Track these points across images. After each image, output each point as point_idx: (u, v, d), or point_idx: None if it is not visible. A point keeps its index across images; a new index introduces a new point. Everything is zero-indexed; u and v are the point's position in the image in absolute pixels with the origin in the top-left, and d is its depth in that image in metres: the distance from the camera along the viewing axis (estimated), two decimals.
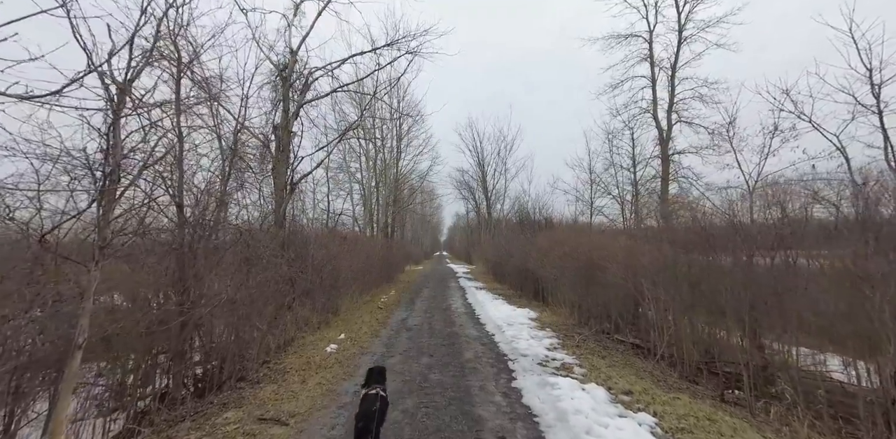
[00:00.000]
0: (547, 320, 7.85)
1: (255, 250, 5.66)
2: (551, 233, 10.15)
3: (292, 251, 7.94)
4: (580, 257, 7.30)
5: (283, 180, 9.11)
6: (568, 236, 8.97)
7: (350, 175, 20.15)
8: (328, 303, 8.61)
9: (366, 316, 9.06)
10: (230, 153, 6.17)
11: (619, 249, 6.52)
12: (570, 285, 7.90)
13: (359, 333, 7.19)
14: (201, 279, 4.60)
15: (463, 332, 6.95)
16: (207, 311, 4.39)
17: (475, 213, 34.71)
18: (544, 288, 10.59)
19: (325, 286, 8.37)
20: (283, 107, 9.58)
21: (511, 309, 9.11)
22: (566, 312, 8.30)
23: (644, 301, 5.54)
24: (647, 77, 16.61)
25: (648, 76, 16.59)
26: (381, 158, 20.49)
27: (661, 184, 16.25)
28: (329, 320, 8.35)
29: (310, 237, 9.09)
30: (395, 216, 22.32)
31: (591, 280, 7.06)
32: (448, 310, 9.58)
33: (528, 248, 11.42)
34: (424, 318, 8.55)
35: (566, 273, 8.00)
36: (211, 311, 4.47)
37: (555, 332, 6.76)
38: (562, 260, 8.14)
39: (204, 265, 4.68)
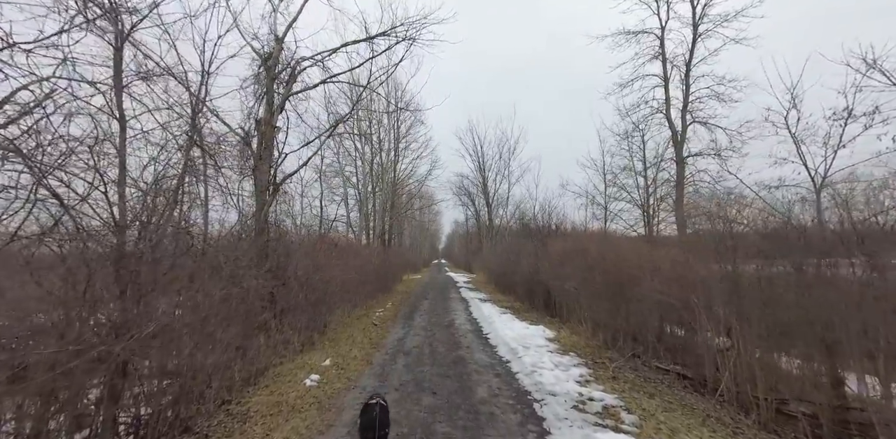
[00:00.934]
0: (567, 341, 6.76)
1: (213, 261, 4.58)
2: (569, 241, 9.08)
3: (272, 261, 6.87)
4: (608, 268, 6.24)
5: (265, 180, 8.07)
6: (589, 243, 7.90)
7: (345, 179, 19.14)
8: (314, 321, 7.50)
9: (358, 334, 7.94)
10: (188, 142, 5.13)
11: (662, 259, 5.47)
12: (593, 299, 6.83)
13: (347, 358, 6.08)
14: (138, 298, 3.53)
15: (471, 358, 5.85)
16: (139, 340, 3.30)
17: (475, 220, 33.71)
18: (558, 301, 9.50)
19: (310, 301, 7.27)
20: (266, 99, 8.58)
21: (523, 326, 8.01)
22: (588, 331, 7.21)
23: (697, 321, 4.47)
24: (659, 76, 15.76)
25: (660, 74, 15.74)
26: (378, 162, 19.52)
27: (675, 188, 15.31)
28: (314, 340, 7.23)
29: (294, 244, 8.02)
30: (393, 222, 21.27)
31: (621, 294, 5.99)
32: (451, 327, 8.47)
33: (539, 257, 10.35)
34: (425, 338, 7.44)
35: (589, 285, 6.94)
36: (145, 341, 3.38)
37: (581, 358, 5.66)
38: (584, 270, 7.08)
39: (144, 280, 3.61)
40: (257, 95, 8.74)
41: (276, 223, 8.21)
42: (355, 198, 19.54)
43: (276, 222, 8.25)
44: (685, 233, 14.97)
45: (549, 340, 6.85)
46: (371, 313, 10.98)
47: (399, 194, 21.45)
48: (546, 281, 9.65)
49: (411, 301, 13.73)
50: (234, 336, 4.68)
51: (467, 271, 35.27)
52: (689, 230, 14.56)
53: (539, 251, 10.85)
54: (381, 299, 14.33)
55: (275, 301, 6.67)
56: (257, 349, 5.38)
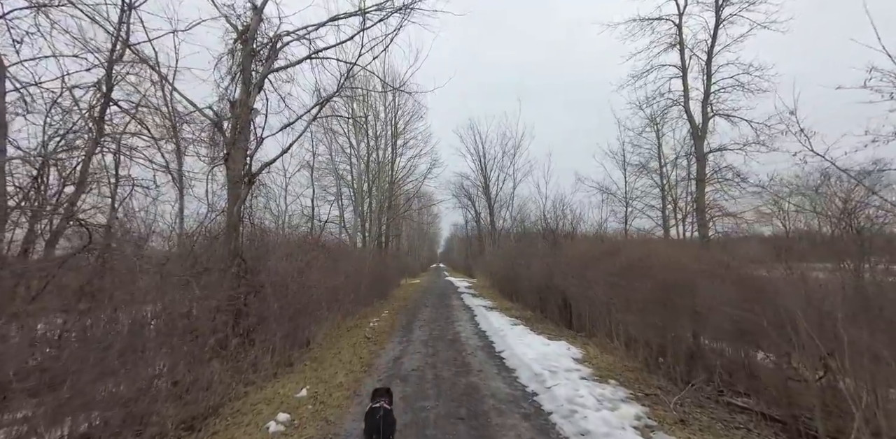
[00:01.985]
0: (601, 362, 5.54)
1: (129, 264, 3.37)
2: (590, 242, 7.89)
3: (240, 264, 5.66)
4: (652, 272, 5.04)
5: (239, 170, 6.87)
6: (622, 245, 6.72)
7: (339, 177, 17.94)
8: (293, 336, 6.27)
9: (347, 351, 6.71)
10: (100, 101, 3.92)
11: (722, 263, 4.28)
12: (629, 310, 5.62)
13: (330, 386, 4.84)
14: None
15: (487, 388, 4.62)
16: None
17: (475, 223, 32.53)
18: (579, 311, 8.30)
19: (288, 312, 6.04)
20: (242, 78, 7.40)
21: (542, 342, 6.78)
22: (621, 348, 6.01)
23: (797, 346, 3.27)
24: (677, 66, 14.67)
25: (678, 64, 14.66)
26: (375, 159, 18.34)
27: (695, 186, 14.18)
28: (293, 360, 6.00)
29: (270, 245, 6.81)
30: (390, 224, 20.05)
31: (671, 305, 4.80)
32: (457, 342, 7.24)
33: (554, 260, 9.15)
34: (426, 357, 6.21)
35: (623, 293, 5.73)
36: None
37: (627, 388, 4.44)
38: (616, 276, 5.88)
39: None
40: (232, 74, 7.57)
41: (253, 220, 6.99)
42: (350, 198, 18.34)
43: (253, 219, 7.03)
44: (706, 235, 13.85)
45: (577, 361, 5.63)
46: (365, 323, 9.75)
47: (397, 194, 20.27)
48: (563, 288, 8.44)
49: (410, 308, 12.49)
50: (166, 367, 3.45)
51: (467, 275, 34.03)
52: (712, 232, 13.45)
53: (553, 254, 9.64)
54: (377, 307, 13.10)
55: (243, 314, 5.45)
56: (209, 379, 4.15)
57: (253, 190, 7.24)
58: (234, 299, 5.46)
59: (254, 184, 7.07)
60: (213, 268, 5.32)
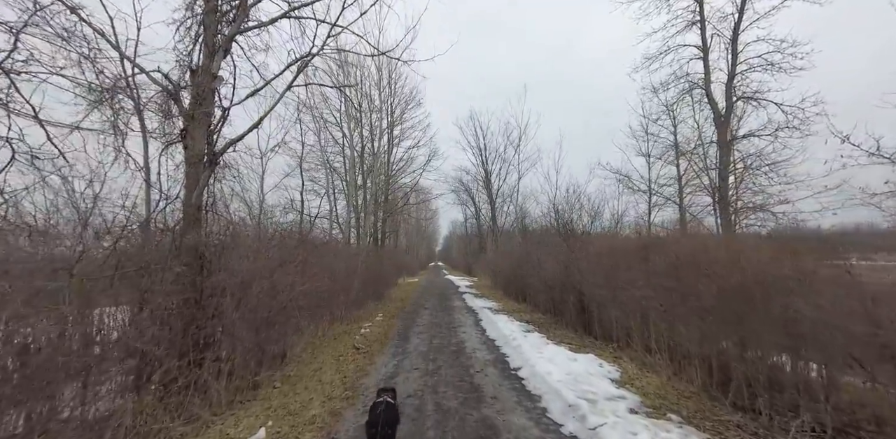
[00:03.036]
0: (647, 385, 4.37)
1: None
2: (632, 237, 6.72)
3: (185, 262, 4.47)
4: (723, 273, 3.85)
5: (199, 148, 5.66)
6: (668, 239, 5.55)
7: (330, 169, 16.71)
8: (260, 350, 5.08)
9: (329, 368, 5.54)
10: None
11: None
12: (683, 320, 4.45)
13: (298, 422, 3.66)
14: None
15: (508, 428, 3.43)
16: None
17: (475, 220, 31.38)
18: (601, 316, 7.13)
19: (254, 321, 4.85)
20: (204, 40, 6.18)
21: (567, 356, 5.60)
22: (665, 364, 4.84)
23: None
24: (697, 46, 13.50)
25: (698, 44, 13.48)
26: (370, 150, 17.11)
27: (717, 176, 13.02)
28: (260, 382, 4.81)
29: (240, 239, 5.62)
30: (387, 219, 18.85)
31: (756, 316, 3.62)
32: (462, 355, 6.07)
33: (572, 258, 7.98)
34: (425, 376, 5.03)
35: (672, 299, 4.55)
36: None
37: (700, 431, 3.27)
38: (667, 277, 4.70)
39: None
40: (193, 35, 6.35)
41: (216, 210, 5.78)
42: (343, 192, 17.11)
43: (216, 209, 5.82)
44: (731, 229, 12.69)
45: (616, 383, 4.45)
46: (356, 329, 8.58)
47: (393, 187, 19.05)
48: (585, 289, 7.26)
49: (407, 311, 11.31)
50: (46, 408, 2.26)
51: (467, 274, 32.89)
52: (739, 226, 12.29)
53: (569, 251, 8.46)
54: (371, 309, 11.92)
55: (190, 326, 4.25)
56: (120, 421, 2.96)
57: (217, 173, 6.04)
58: (181, 307, 4.29)
59: (217, 166, 5.86)
60: (153, 269, 4.12)
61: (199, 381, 3.89)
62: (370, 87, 16.39)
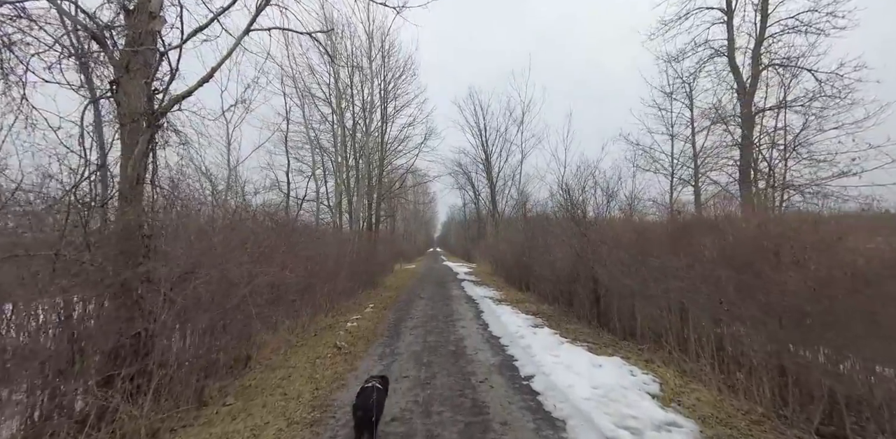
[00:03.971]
0: (699, 403, 3.40)
1: None
2: (669, 219, 5.70)
3: (107, 248, 3.43)
4: (826, 262, 2.83)
5: (135, 106, 4.53)
6: (721, 221, 4.53)
7: (319, 147, 15.52)
8: (208, 357, 4.09)
9: (300, 375, 4.56)
10: None
11: None
12: (748, 321, 3.44)
13: None
14: None
15: None
16: None
17: (474, 204, 30.31)
18: (619, 308, 6.18)
19: (196, 322, 3.83)
20: None
21: (588, 359, 4.63)
22: (711, 374, 3.88)
23: None
24: (721, 9, 12.18)
25: (721, 6, 12.17)
26: (362, 128, 15.90)
27: (739, 153, 11.93)
28: (209, 396, 3.83)
29: (191, 219, 4.56)
30: (381, 202, 17.75)
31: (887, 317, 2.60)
32: (461, 357, 5.10)
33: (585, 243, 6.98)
34: (416, 388, 4.06)
35: (738, 292, 3.54)
36: None
37: None
38: (723, 266, 3.67)
39: None
40: None
41: (158, 183, 4.69)
42: (333, 173, 15.97)
43: (159, 182, 4.73)
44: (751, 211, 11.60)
45: (659, 400, 3.49)
46: (342, 322, 7.63)
47: (387, 169, 17.89)
48: (603, 279, 6.28)
49: (401, 301, 10.36)
50: None
51: (466, 260, 32.00)
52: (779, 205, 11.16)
53: (582, 235, 7.45)
54: (361, 298, 10.98)
55: (111, 334, 3.23)
56: None
57: (162, 137, 4.92)
58: (100, 308, 3.26)
59: (160, 128, 4.75)
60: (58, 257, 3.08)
61: (109, 409, 2.89)
62: (361, 58, 15.06)
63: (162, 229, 4.23)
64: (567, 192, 8.80)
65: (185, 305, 3.64)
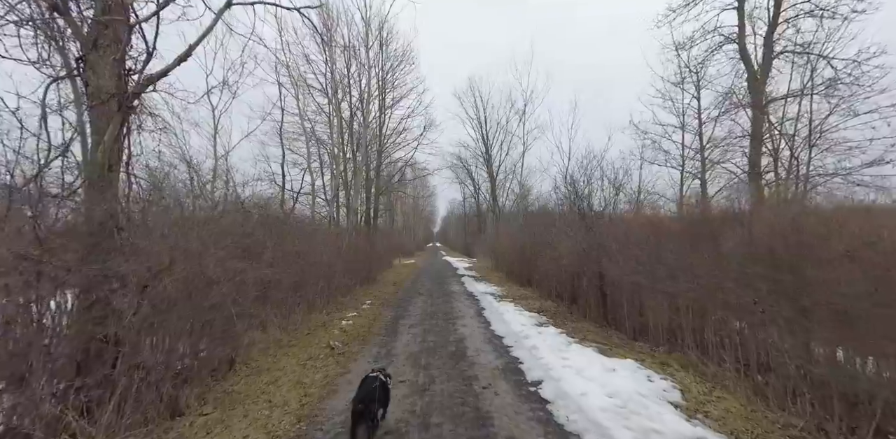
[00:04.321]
0: (732, 419, 3.05)
1: None
2: (688, 213, 5.33)
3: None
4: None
5: (105, 86, 4.13)
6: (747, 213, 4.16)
7: (315, 138, 15.08)
8: (185, 361, 3.73)
9: (288, 381, 4.20)
10: None
11: None
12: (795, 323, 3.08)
13: None
14: None
15: None
16: None
17: (474, 199, 29.94)
18: (629, 306, 5.83)
19: (170, 323, 3.47)
20: None
21: (601, 362, 4.27)
22: (744, 381, 3.53)
23: None
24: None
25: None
26: (360, 120, 15.45)
27: (749, 145, 11.53)
28: (185, 405, 3.47)
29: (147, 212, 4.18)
30: (379, 196, 17.35)
31: None
32: (462, 359, 4.74)
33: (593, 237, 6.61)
34: (413, 395, 3.70)
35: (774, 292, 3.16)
36: None
37: None
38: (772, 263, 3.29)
39: None
40: None
41: (132, 171, 4.30)
42: (330, 166, 15.55)
43: (133, 170, 4.34)
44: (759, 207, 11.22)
45: (683, 411, 3.14)
46: (337, 320, 7.29)
47: (386, 162, 17.46)
48: (613, 276, 5.91)
49: (400, 298, 10.02)
50: None
51: (466, 255, 31.68)
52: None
53: (589, 229, 7.07)
54: (359, 294, 10.64)
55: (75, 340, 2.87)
56: None
57: (136, 121, 4.52)
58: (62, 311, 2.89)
59: (133, 111, 4.35)
60: None
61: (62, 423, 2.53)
62: (358, 47, 14.57)
63: (136, 222, 3.85)
64: (572, 185, 8.39)
65: (156, 305, 3.27)
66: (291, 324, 6.63)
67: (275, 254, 5.75)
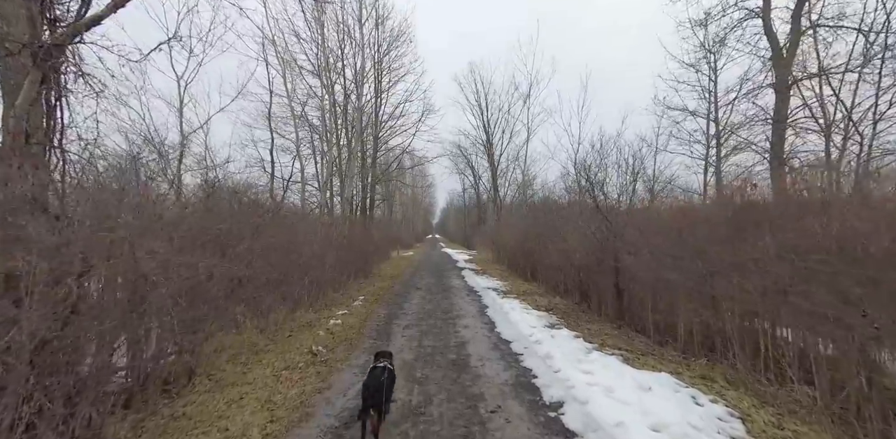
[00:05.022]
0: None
1: None
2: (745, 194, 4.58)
3: None
4: None
5: (16, 33, 3.34)
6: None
7: (309, 125, 14.22)
8: (115, 372, 2.99)
9: (253, 401, 3.46)
10: None
11: None
12: None
13: None
14: None
15: None
16: None
17: (474, 190, 29.15)
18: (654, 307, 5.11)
19: (84, 328, 2.72)
20: None
21: (632, 376, 3.54)
22: (826, 411, 2.80)
23: None
24: None
25: None
26: (353, 103, 14.56)
27: (771, 129, 10.72)
28: (122, 430, 2.76)
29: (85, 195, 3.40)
30: (375, 184, 16.55)
31: None
32: (464, 371, 4.02)
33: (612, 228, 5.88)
34: (404, 422, 2.99)
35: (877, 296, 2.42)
36: None
37: None
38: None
39: None
40: None
41: (62, 144, 3.51)
42: (323, 152, 14.70)
43: (63, 142, 3.54)
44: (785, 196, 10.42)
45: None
46: (325, 318, 6.60)
47: (382, 149, 16.62)
48: (633, 272, 5.18)
49: (395, 293, 9.30)
50: None
51: (466, 247, 31.01)
52: None
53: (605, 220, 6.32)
54: (352, 289, 9.94)
55: None
56: None
57: (58, 81, 3.69)
58: None
59: (58, 69, 3.53)
60: None
61: None
62: (353, 25, 13.62)
63: (59, 206, 3.08)
64: (585, 171, 7.60)
65: (68, 312, 2.52)
66: (272, 324, 5.92)
67: (252, 247, 5.00)
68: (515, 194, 21.26)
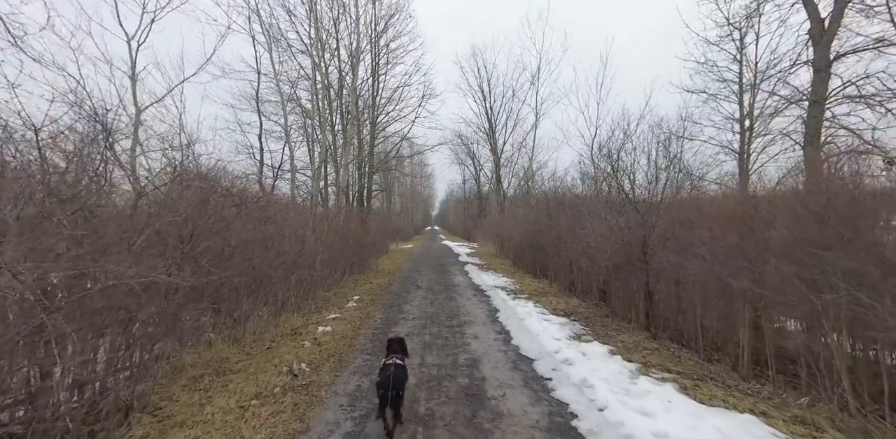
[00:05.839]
0: None
1: None
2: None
3: None
4: None
5: None
6: None
7: (301, 109, 13.20)
8: None
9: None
10: None
11: None
12: None
13: None
14: None
15: None
16: None
17: (475, 181, 28.21)
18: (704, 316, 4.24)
19: None
20: None
21: (703, 417, 2.68)
22: None
23: None
24: None
25: None
26: (348, 85, 13.53)
27: (807, 111, 9.75)
28: None
29: None
30: (373, 174, 15.58)
31: None
32: (482, 405, 3.15)
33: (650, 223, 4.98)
34: None
35: None
36: None
37: None
38: None
39: None
40: None
41: None
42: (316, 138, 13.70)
43: None
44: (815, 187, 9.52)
45: None
46: (314, 322, 5.78)
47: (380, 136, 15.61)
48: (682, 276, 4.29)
49: (393, 292, 8.43)
50: None
51: (466, 240, 30.12)
52: None
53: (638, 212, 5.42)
54: (346, 287, 9.09)
55: None
56: None
57: None
58: None
59: None
60: None
61: None
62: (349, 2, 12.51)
63: None
64: (608, 156, 6.66)
65: None
66: (249, 333, 5.05)
67: (213, 245, 4.09)
68: (521, 184, 20.30)
